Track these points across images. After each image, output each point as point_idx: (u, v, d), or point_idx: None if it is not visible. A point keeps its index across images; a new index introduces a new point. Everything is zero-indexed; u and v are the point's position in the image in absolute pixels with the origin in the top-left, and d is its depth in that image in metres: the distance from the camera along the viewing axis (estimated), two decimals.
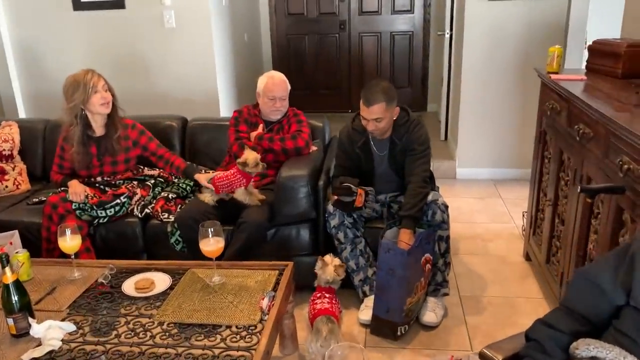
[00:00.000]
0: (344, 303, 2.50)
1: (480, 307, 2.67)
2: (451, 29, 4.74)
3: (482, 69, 4.16)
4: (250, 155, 2.58)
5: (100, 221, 2.69)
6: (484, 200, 4.01)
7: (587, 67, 2.71)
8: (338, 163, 2.70)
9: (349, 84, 6.31)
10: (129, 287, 2.08)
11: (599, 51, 2.60)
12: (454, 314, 2.61)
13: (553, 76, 2.57)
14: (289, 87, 2.92)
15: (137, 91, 4.08)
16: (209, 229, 2.07)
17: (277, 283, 2.10)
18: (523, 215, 3.38)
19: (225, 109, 4.32)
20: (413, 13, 6.01)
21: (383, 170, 2.64)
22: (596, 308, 1.30)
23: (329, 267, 2.32)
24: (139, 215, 2.72)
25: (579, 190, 1.88)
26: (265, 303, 1.92)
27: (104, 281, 2.13)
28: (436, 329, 2.49)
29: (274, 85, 2.85)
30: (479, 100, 4.24)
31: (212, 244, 2.07)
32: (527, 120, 4.14)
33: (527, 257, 3.08)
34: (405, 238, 2.37)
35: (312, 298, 2.33)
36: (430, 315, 2.50)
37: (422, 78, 6.24)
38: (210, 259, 2.11)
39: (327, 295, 2.32)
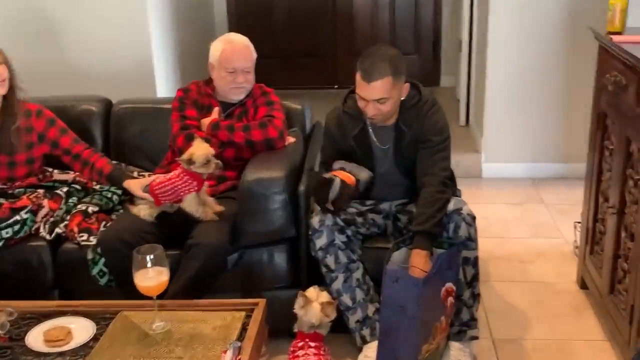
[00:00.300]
0: (336, 352, 2.47)
1: (522, 354, 2.67)
2: None
3: (515, 28, 4.18)
4: (198, 149, 2.55)
5: None
6: (521, 207, 4.02)
7: None
8: (324, 160, 2.69)
9: (335, 51, 6.30)
10: (36, 338, 2.03)
11: None
12: None
13: (616, 38, 2.58)
14: (255, 56, 2.90)
15: (42, 65, 4.00)
16: (148, 257, 2.03)
17: (243, 329, 2.08)
18: (575, 227, 3.40)
19: (164, 87, 4.28)
20: None
21: (386, 169, 2.64)
22: None
23: (313, 306, 2.28)
24: (48, 237, 2.66)
25: None
26: (228, 357, 1.89)
27: (0, 331, 2.07)
28: None
29: (233, 53, 2.82)
30: (512, 72, 4.26)
31: (151, 277, 2.04)
32: (577, 98, 4.15)
33: (583, 285, 3.09)
34: (420, 262, 2.36)
35: (291, 348, 2.30)
36: None
37: (434, 42, 6.27)
38: (150, 298, 2.07)
39: (312, 344, 2.29)
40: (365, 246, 2.63)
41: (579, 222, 3.27)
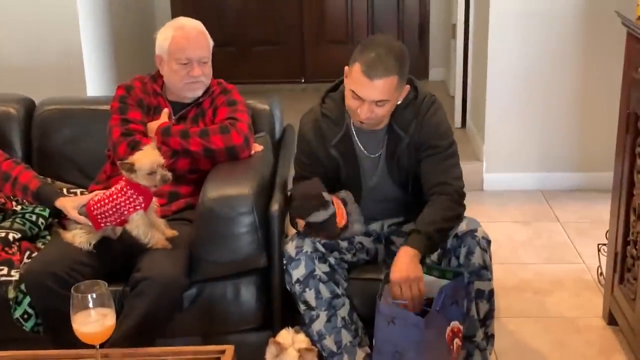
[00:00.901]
0: None
1: None
2: None
3: (521, 13, 4.21)
4: (144, 156, 2.52)
5: None
6: (531, 226, 4.05)
7: None
8: (300, 173, 2.69)
9: (301, 38, 6.33)
10: None
11: None
12: None
13: None
14: (212, 43, 2.91)
15: None
16: (89, 296, 1.99)
17: None
18: (599, 250, 3.43)
19: (96, 85, 4.27)
20: None
21: (376, 181, 2.66)
22: None
23: (289, 354, 2.26)
24: None
25: None
26: None
27: None
28: None
29: (187, 40, 2.82)
30: (519, 63, 4.31)
31: (94, 320, 2.00)
32: (597, 94, 4.23)
33: (611, 320, 3.11)
34: (404, 263, 2.38)
35: None
36: None
37: (420, 27, 6.33)
38: (92, 347, 2.04)
39: None
40: (351, 277, 2.62)
41: (603, 245, 3.30)
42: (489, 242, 2.51)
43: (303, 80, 6.30)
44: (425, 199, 2.55)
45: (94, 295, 1.99)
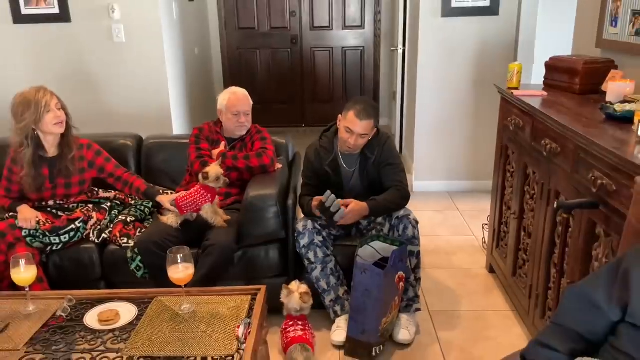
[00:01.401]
0: (314, 324, 2.45)
1: (452, 322, 2.68)
2: (404, 44, 4.81)
3: (437, 83, 4.22)
4: (212, 169, 2.54)
5: (54, 248, 2.53)
6: (443, 213, 4.07)
7: (545, 82, 2.79)
8: (306, 182, 2.69)
9: (302, 98, 6.30)
10: (91, 319, 1.95)
11: (556, 67, 2.68)
12: (426, 330, 2.61)
13: (516, 92, 2.63)
14: (251, 102, 2.90)
15: (84, 108, 3.90)
16: (179, 255, 1.97)
17: (250, 309, 2.03)
18: (483, 228, 3.44)
19: (178, 126, 4.22)
20: (364, 29, 6.09)
21: (352, 185, 2.66)
22: (591, 325, 1.30)
23: (294, 295, 2.29)
24: (96, 241, 2.59)
25: (555, 206, 1.91)
26: (241, 331, 1.84)
27: (63, 314, 1.99)
28: (410, 346, 2.48)
29: (237, 100, 2.81)
30: (434, 114, 4.31)
31: (181, 270, 1.98)
32: (481, 133, 4.25)
33: (491, 270, 3.13)
34: (358, 210, 2.42)
35: (283, 326, 2.27)
36: (404, 333, 2.48)
37: (374, 91, 6.31)
38: (179, 286, 2.01)
39: (299, 322, 2.29)
40: (336, 244, 2.63)
41: (486, 224, 3.32)
42: (417, 222, 2.52)
43: (303, 125, 6.29)
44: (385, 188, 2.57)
45: (181, 255, 1.97)
